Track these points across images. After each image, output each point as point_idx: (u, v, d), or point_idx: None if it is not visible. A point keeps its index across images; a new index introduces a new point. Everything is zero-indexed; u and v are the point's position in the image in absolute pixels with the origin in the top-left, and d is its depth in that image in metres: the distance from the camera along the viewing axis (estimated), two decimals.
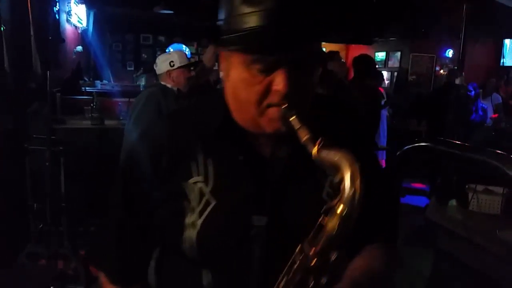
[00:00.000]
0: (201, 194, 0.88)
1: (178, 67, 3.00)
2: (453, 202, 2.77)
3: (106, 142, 3.83)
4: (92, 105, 3.99)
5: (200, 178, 0.89)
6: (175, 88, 3.03)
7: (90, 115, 3.97)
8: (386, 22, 8.59)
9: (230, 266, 0.90)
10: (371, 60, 4.85)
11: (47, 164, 2.89)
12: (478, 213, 2.63)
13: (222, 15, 0.82)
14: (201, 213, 0.88)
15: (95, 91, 4.90)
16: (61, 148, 3.06)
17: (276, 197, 0.88)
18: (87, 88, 5.57)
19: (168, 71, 3.01)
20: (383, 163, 5.08)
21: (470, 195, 2.66)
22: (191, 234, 0.88)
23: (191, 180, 0.89)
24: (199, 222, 0.88)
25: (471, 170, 2.53)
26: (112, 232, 1.02)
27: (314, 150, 0.73)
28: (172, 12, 7.80)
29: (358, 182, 0.69)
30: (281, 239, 0.83)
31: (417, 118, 6.96)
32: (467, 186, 2.67)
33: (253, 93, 0.81)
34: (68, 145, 3.20)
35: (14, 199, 3.21)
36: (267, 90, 0.80)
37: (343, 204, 0.68)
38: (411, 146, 1.46)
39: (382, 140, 5.40)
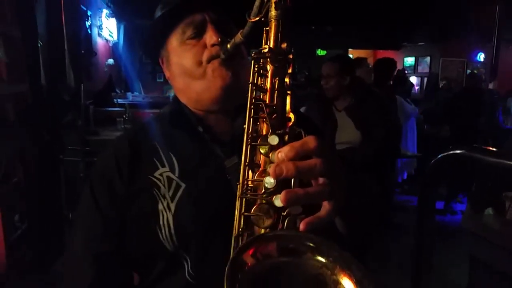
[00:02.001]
0: (170, 180, 0.92)
1: None
2: (490, 211, 2.69)
3: None
4: (124, 116, 4.08)
5: (165, 169, 0.93)
6: None
7: (122, 126, 4.06)
8: (414, 26, 8.47)
9: (208, 248, 0.89)
10: (388, 64, 4.73)
11: (81, 175, 2.96)
12: None
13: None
14: (173, 197, 0.90)
15: (127, 103, 5.01)
16: (95, 159, 3.13)
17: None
18: (119, 100, 5.69)
19: None
20: (413, 172, 4.98)
21: (507, 203, 2.57)
22: (167, 218, 0.89)
23: (157, 172, 0.93)
24: (173, 205, 0.90)
25: (508, 178, 2.46)
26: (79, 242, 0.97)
27: (248, 18, 0.75)
28: None
29: None
30: None
31: (450, 125, 6.79)
32: (504, 194, 2.59)
33: (192, 58, 0.92)
34: None
35: (50, 208, 3.29)
36: (203, 50, 0.92)
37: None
38: (445, 154, 1.43)
39: (411, 148, 5.29)
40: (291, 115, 0.68)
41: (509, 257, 2.34)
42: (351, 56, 10.96)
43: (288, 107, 0.69)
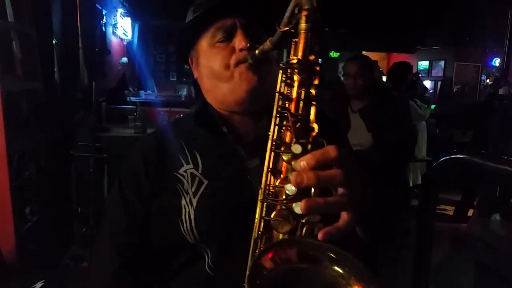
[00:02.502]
0: (193, 176, 0.96)
1: None
2: (497, 216, 2.67)
3: None
4: (135, 114, 4.12)
5: (190, 166, 0.97)
6: None
7: (133, 124, 4.10)
8: (428, 29, 8.39)
9: (228, 243, 0.92)
10: (404, 68, 4.67)
11: (91, 170, 3.01)
12: None
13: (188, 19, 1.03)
14: (195, 193, 0.94)
15: (139, 101, 5.06)
16: (105, 155, 3.18)
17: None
18: (132, 98, 5.75)
19: None
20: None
21: None
22: (189, 212, 0.93)
23: (182, 169, 0.97)
24: (195, 200, 0.93)
25: None
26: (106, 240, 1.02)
27: (277, 28, 0.78)
28: None
29: None
30: None
31: (462, 129, 6.73)
32: (511, 200, 2.57)
33: (221, 60, 0.95)
34: (112, 152, 3.31)
35: (60, 203, 3.35)
36: (232, 53, 0.94)
37: (304, 10, 0.72)
38: (446, 158, 1.43)
39: (422, 150, 5.25)
40: (315, 126, 0.71)
41: None
42: None
43: (312, 117, 0.72)
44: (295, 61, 0.73)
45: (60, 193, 3.36)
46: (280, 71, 0.75)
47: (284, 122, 0.73)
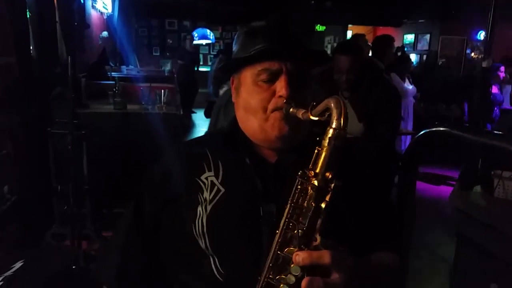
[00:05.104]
0: (212, 184, 1.02)
1: None
2: (478, 188, 2.70)
3: (128, 126, 3.89)
4: (114, 89, 4.03)
5: (211, 173, 1.04)
6: None
7: (113, 99, 4.03)
8: (415, 2, 8.33)
9: (238, 251, 0.97)
10: (386, 41, 4.61)
11: (69, 147, 2.95)
12: (504, 200, 2.55)
13: (235, 51, 1.09)
14: (212, 200, 1.01)
15: (118, 76, 4.96)
16: (83, 132, 3.11)
17: (282, 188, 0.91)
18: (113, 73, 5.64)
19: None
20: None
21: (495, 181, 2.57)
22: (202, 218, 0.99)
23: (204, 175, 1.04)
24: (209, 207, 1.00)
25: (498, 156, 2.45)
26: (118, 237, 1.14)
27: (309, 114, 0.85)
28: None
29: (342, 109, 0.78)
30: None
31: (446, 103, 6.77)
32: (492, 172, 2.59)
33: (260, 101, 0.99)
34: (91, 129, 3.25)
35: (39, 181, 3.30)
36: (271, 97, 0.98)
37: (332, 128, 0.79)
38: (428, 130, 1.41)
39: (408, 125, 5.28)
40: (318, 238, 0.78)
41: (496, 235, 2.36)
42: (350, 32, 10.85)
43: (317, 228, 0.79)
44: (312, 175, 0.79)
45: (39, 171, 3.30)
46: (298, 179, 0.80)
47: (291, 231, 0.80)
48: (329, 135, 0.79)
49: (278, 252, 0.81)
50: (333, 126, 0.78)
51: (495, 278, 2.32)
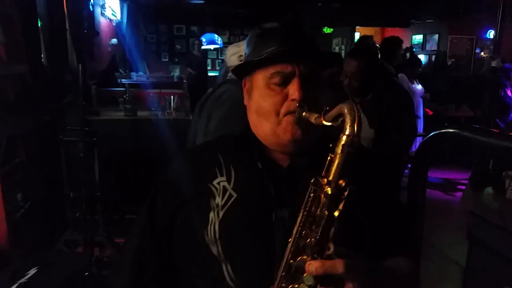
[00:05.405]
0: (225, 190, 1.01)
1: None
2: (489, 190, 2.67)
3: (138, 132, 3.92)
4: (124, 96, 4.07)
5: (223, 178, 1.03)
6: None
7: (123, 106, 4.06)
8: (422, 2, 8.27)
9: (251, 257, 0.96)
10: (395, 43, 4.57)
11: (81, 155, 2.98)
12: None
13: (247, 53, 1.07)
14: (224, 206, 0.99)
15: (128, 83, 5.00)
16: (94, 139, 3.15)
17: (295, 193, 0.90)
18: (123, 80, 5.69)
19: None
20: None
21: (507, 182, 2.55)
22: (214, 224, 0.98)
23: (216, 181, 1.03)
24: (222, 212, 0.99)
25: (508, 157, 2.43)
26: (131, 243, 1.12)
27: (322, 119, 0.84)
28: (203, 1, 7.83)
29: (356, 115, 0.77)
30: None
31: (456, 103, 6.71)
32: (504, 173, 2.57)
33: (273, 104, 0.97)
34: (102, 136, 3.28)
35: (52, 188, 3.33)
36: (284, 100, 0.97)
37: (345, 135, 0.77)
38: (437, 132, 1.41)
39: (419, 126, 5.24)
40: (331, 247, 0.76)
41: (508, 237, 2.33)
42: (358, 34, 10.81)
43: (330, 237, 0.77)
44: (325, 182, 0.78)
45: (51, 178, 3.34)
46: (311, 187, 0.79)
47: (304, 239, 0.79)
48: (343, 142, 0.77)
49: (291, 261, 0.79)
50: (347, 132, 0.77)
51: (508, 280, 2.29)
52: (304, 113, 0.91)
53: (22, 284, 2.38)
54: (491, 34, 8.88)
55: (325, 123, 0.83)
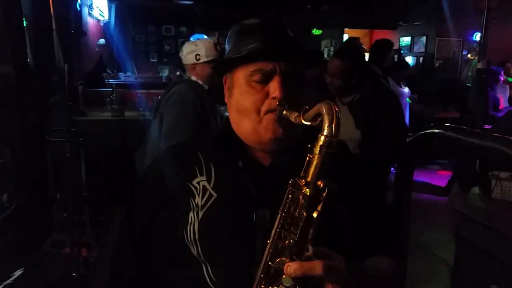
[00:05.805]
0: (204, 189, 0.99)
1: (204, 62, 2.68)
2: (476, 189, 2.70)
3: (125, 133, 3.89)
4: (112, 97, 4.05)
5: (203, 178, 1.00)
6: (205, 85, 2.73)
7: (110, 106, 4.04)
8: (410, 5, 8.34)
9: (231, 258, 0.94)
10: (386, 45, 4.58)
11: (67, 155, 2.95)
12: (502, 201, 2.55)
13: (227, 50, 1.05)
14: (203, 206, 0.97)
15: (116, 83, 4.97)
16: (80, 139, 3.12)
17: (276, 192, 0.89)
18: (110, 80, 5.64)
19: (193, 64, 2.71)
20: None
21: (493, 182, 2.58)
22: (193, 224, 0.96)
23: (195, 180, 1.00)
24: (201, 213, 0.96)
25: (494, 157, 2.45)
26: (109, 245, 1.12)
27: (301, 118, 0.83)
28: (192, 2, 7.81)
29: (334, 115, 0.77)
30: None
31: (443, 104, 6.79)
32: (490, 173, 2.60)
33: (253, 102, 0.96)
34: (88, 136, 3.25)
35: (38, 189, 3.29)
36: (265, 98, 0.95)
37: (324, 135, 0.77)
38: (422, 133, 1.42)
39: None
40: (310, 248, 0.76)
41: (494, 236, 2.36)
42: (346, 35, 10.87)
43: (309, 239, 0.76)
44: (303, 183, 0.77)
45: (37, 179, 3.30)
46: (289, 188, 0.78)
47: (282, 240, 0.78)
48: (320, 142, 0.76)
49: (269, 263, 0.78)
50: (325, 133, 0.76)
51: (495, 279, 2.32)
52: (284, 112, 0.89)
53: (7, 285, 2.35)
54: (477, 36, 8.98)
55: (304, 122, 0.82)
